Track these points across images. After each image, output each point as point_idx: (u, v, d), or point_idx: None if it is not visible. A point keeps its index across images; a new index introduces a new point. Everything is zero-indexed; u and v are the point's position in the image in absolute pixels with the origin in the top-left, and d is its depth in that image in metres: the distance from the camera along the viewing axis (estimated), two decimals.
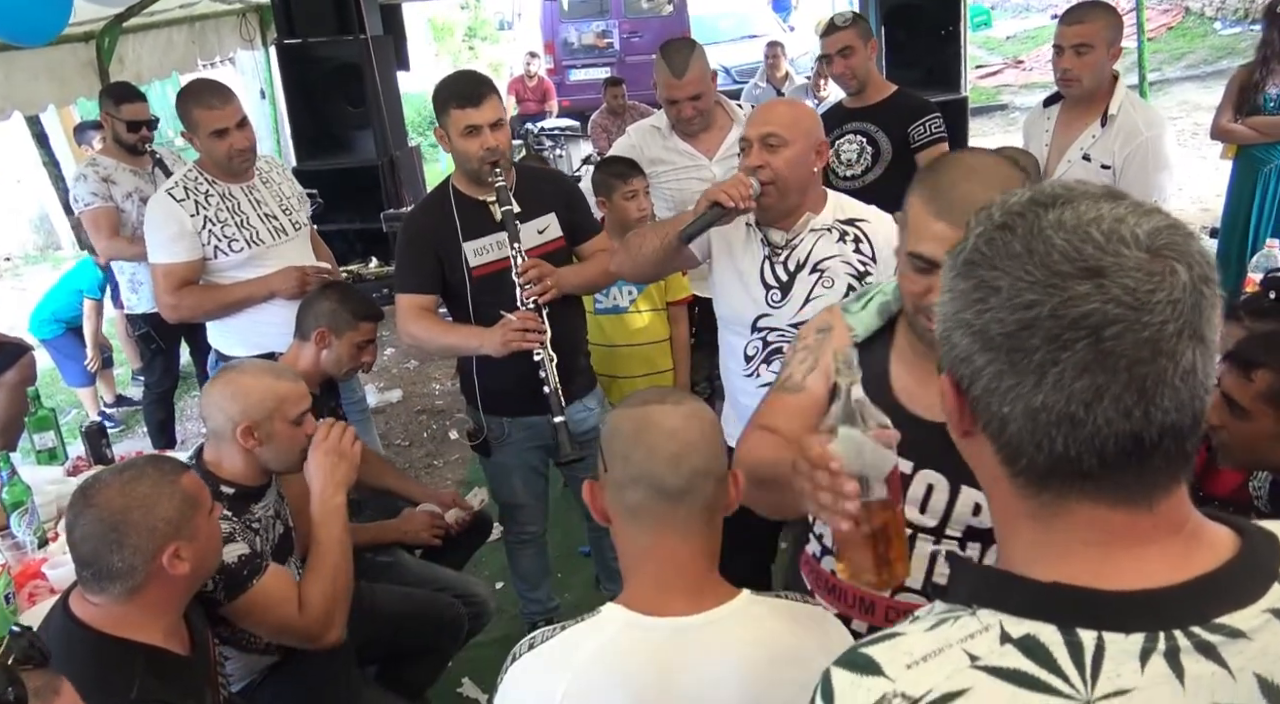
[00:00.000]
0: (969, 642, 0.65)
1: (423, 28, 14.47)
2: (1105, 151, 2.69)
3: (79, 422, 4.74)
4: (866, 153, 3.13)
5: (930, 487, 1.32)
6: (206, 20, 5.52)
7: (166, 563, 1.46)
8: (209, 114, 2.71)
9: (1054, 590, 0.64)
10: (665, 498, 1.15)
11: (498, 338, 2.24)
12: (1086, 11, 2.73)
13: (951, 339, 0.67)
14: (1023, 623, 0.64)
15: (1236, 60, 9.92)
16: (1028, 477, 0.66)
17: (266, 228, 2.87)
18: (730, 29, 11.46)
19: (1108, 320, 0.60)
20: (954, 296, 0.67)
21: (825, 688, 0.69)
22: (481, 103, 2.25)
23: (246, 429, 1.88)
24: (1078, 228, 0.63)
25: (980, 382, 0.65)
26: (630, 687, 1.13)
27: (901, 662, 0.66)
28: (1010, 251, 0.64)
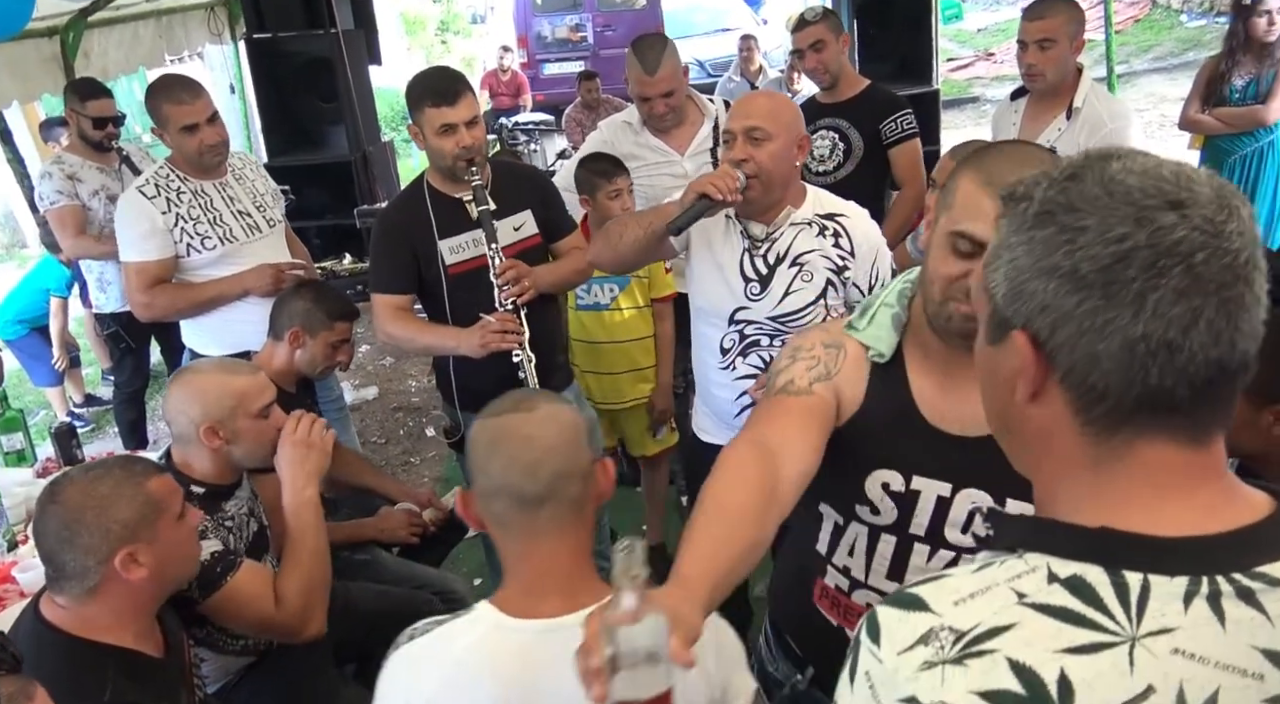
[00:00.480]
0: (1016, 581, 0.67)
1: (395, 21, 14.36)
2: (1071, 144, 2.72)
3: (48, 423, 4.68)
4: (839, 149, 3.14)
5: (975, 506, 1.28)
6: (174, 14, 5.45)
7: (120, 566, 1.43)
8: (179, 109, 2.68)
9: (1103, 535, 0.67)
10: (527, 506, 1.16)
11: (476, 339, 2.24)
12: (1048, 7, 2.75)
13: (1027, 291, 0.68)
14: (1069, 564, 0.67)
15: (1203, 53, 10.07)
16: (1107, 419, 0.68)
17: (240, 225, 2.84)
18: (704, 22, 11.47)
19: (1196, 246, 0.63)
20: (1029, 248, 0.68)
21: (871, 625, 0.71)
22: (457, 101, 2.23)
23: (210, 429, 1.86)
24: (1147, 171, 0.66)
25: (1069, 325, 0.66)
26: (496, 686, 1.16)
27: (949, 599, 0.68)
28: (1089, 195, 0.66)
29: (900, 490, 1.30)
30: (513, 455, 1.16)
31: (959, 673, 0.65)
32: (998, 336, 0.72)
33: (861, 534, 1.36)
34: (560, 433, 1.18)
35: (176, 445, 1.94)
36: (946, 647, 0.66)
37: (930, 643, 0.67)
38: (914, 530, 1.32)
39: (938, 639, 0.67)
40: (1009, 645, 0.65)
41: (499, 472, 1.17)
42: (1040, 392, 0.70)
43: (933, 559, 1.32)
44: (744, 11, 12.06)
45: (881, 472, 1.31)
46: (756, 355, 2.07)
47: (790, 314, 2.03)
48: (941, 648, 0.66)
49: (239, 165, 2.95)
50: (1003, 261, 0.70)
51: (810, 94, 5.62)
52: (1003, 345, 0.72)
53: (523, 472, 1.16)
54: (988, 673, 0.64)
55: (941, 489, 1.28)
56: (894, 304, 1.33)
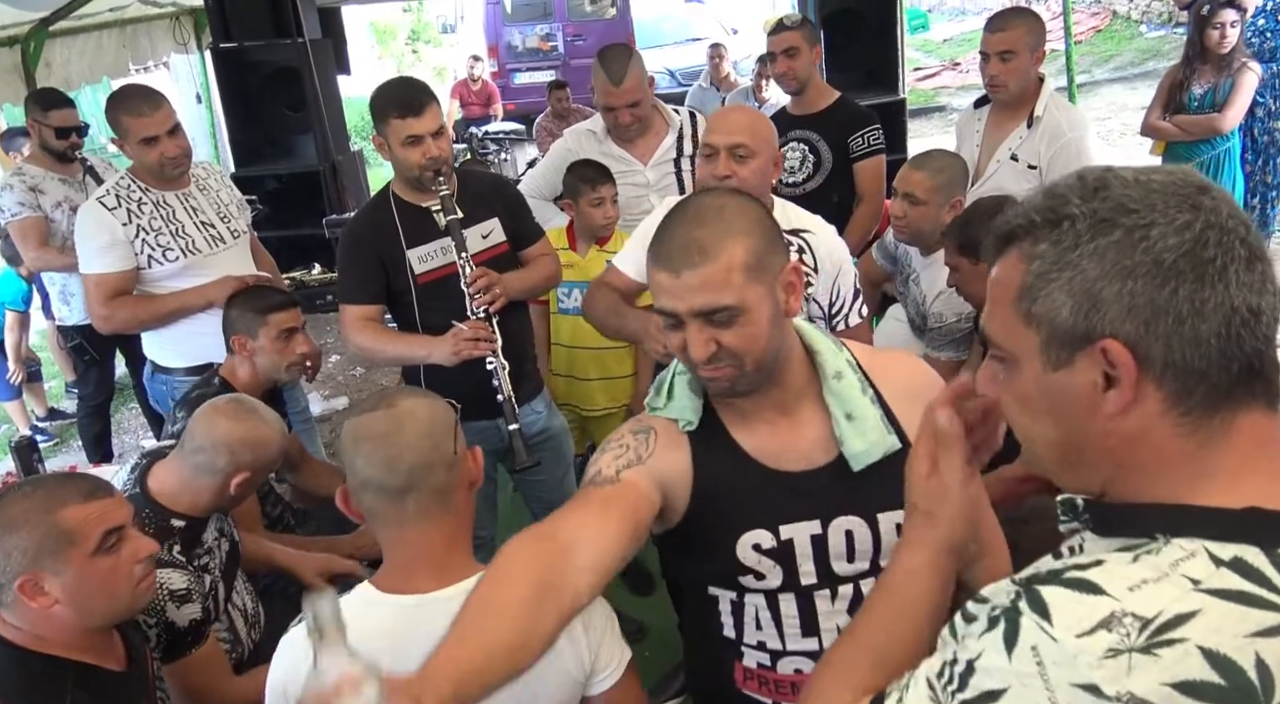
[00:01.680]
0: (1183, 566, 0.67)
1: (364, 31, 14.30)
2: (1031, 152, 2.77)
3: (9, 436, 4.60)
4: (809, 161, 3.18)
5: (849, 532, 1.24)
6: (138, 24, 5.39)
7: (20, 592, 1.36)
8: (138, 122, 2.64)
9: (1251, 515, 0.68)
10: (391, 497, 1.24)
11: (448, 347, 2.24)
12: (1008, 19, 2.81)
13: (1104, 298, 0.69)
14: (1226, 547, 0.67)
15: (1162, 62, 10.27)
16: (1206, 402, 0.70)
17: (203, 236, 2.81)
18: (674, 32, 11.54)
19: (1238, 221, 0.69)
20: (1096, 258, 0.69)
21: (1035, 602, 0.69)
22: (423, 112, 2.23)
23: (244, 481, 1.87)
24: (1147, 171, 0.72)
25: (1165, 317, 0.68)
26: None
27: (1122, 585, 0.67)
28: (1134, 197, 0.70)
29: (773, 546, 1.25)
30: (372, 451, 1.23)
31: (1148, 663, 0.63)
32: (1062, 360, 0.72)
33: (760, 604, 1.30)
34: (417, 427, 1.24)
35: (172, 469, 1.88)
36: (1132, 634, 0.64)
37: (1113, 629, 0.65)
38: (805, 581, 1.26)
39: (1121, 626, 0.65)
40: (1198, 634, 0.63)
41: (362, 466, 1.24)
42: (1133, 401, 0.70)
43: (836, 600, 1.27)
44: (714, 21, 12.14)
45: (747, 534, 1.25)
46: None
47: None
48: (1127, 635, 0.64)
49: (203, 175, 2.91)
50: (1061, 280, 0.71)
51: (777, 103, 5.73)
52: (1069, 368, 0.72)
53: (383, 466, 1.22)
54: (1180, 663, 0.63)
55: (813, 528, 1.24)
56: (685, 371, 1.28)
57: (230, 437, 1.85)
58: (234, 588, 2.01)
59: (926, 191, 2.40)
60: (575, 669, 1.26)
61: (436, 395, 1.34)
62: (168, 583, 1.71)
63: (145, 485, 1.89)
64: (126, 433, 4.99)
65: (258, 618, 2.09)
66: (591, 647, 1.27)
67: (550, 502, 2.70)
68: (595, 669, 1.29)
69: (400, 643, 1.23)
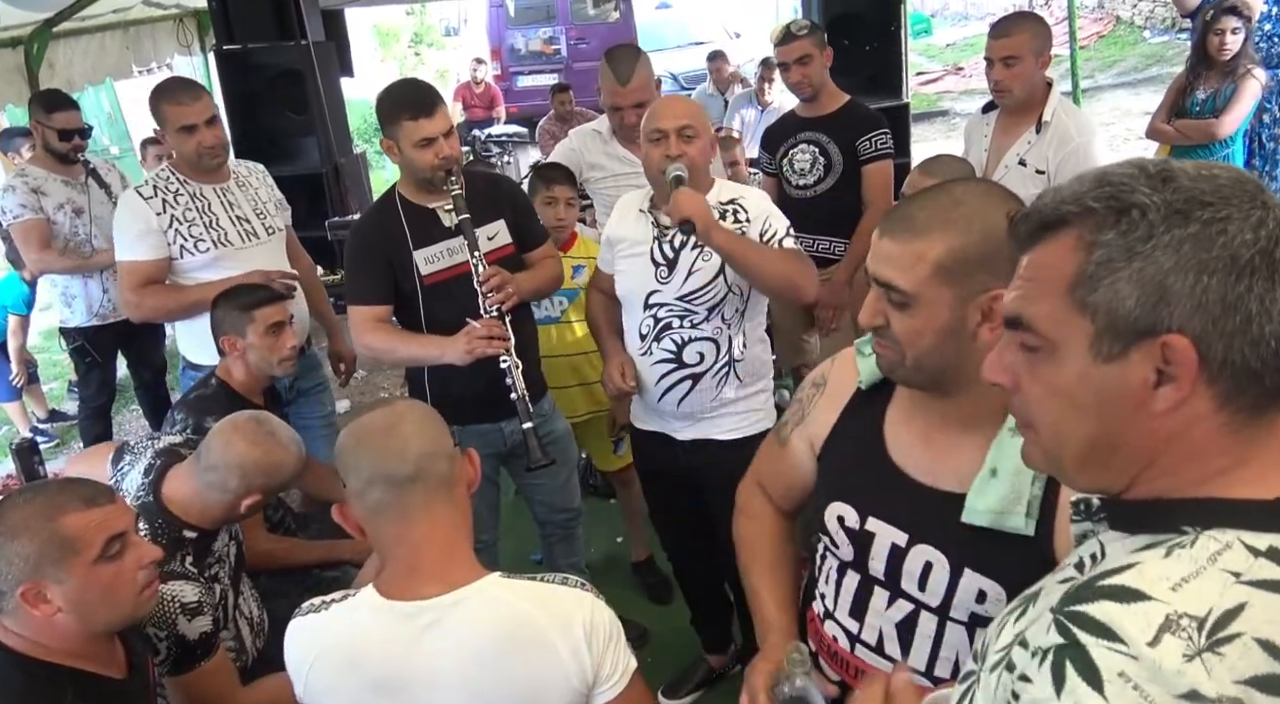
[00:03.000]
0: (1220, 559, 0.66)
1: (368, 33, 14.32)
2: (1040, 157, 2.76)
3: (9, 438, 4.59)
4: (819, 163, 3.16)
5: (929, 563, 1.20)
6: (141, 25, 5.39)
7: (23, 600, 1.35)
8: (177, 110, 2.68)
9: None
10: (400, 486, 1.24)
11: (461, 346, 2.23)
12: (1013, 24, 2.79)
13: (1174, 292, 0.67)
14: (1261, 537, 0.66)
15: (1166, 68, 10.28)
16: (1256, 403, 0.69)
17: (236, 230, 2.83)
18: (677, 36, 11.55)
19: None
20: (1171, 249, 0.67)
21: (1088, 625, 0.65)
22: (434, 113, 2.24)
23: (255, 503, 1.86)
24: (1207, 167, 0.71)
25: (1234, 315, 0.66)
26: (366, 665, 1.24)
27: (1163, 586, 0.65)
28: (1206, 190, 0.68)
29: (854, 527, 1.27)
30: (379, 445, 1.25)
31: (1218, 663, 0.62)
32: (1115, 352, 0.70)
33: (833, 565, 1.36)
34: (416, 421, 1.28)
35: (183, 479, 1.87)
36: (1195, 637, 0.62)
37: (1176, 633, 0.63)
38: (873, 572, 1.27)
39: (1181, 629, 0.63)
40: (1252, 626, 0.63)
41: (369, 463, 1.25)
42: (1189, 397, 0.69)
43: (891, 607, 1.26)
44: (716, 25, 12.15)
45: (837, 504, 1.29)
46: (669, 338, 2.16)
47: (695, 292, 2.14)
48: (1190, 639, 0.62)
49: (244, 173, 2.95)
50: (1129, 270, 0.68)
51: (779, 107, 5.72)
52: (1122, 361, 0.70)
53: (392, 457, 1.24)
54: (1243, 658, 0.62)
55: (897, 537, 1.23)
56: None
57: (245, 459, 1.83)
58: (240, 594, 2.00)
59: None
60: (577, 680, 1.25)
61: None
62: (179, 595, 1.70)
63: (159, 492, 1.88)
64: (128, 434, 4.98)
65: (263, 625, 2.08)
66: (595, 657, 1.26)
67: (553, 505, 2.69)
68: (598, 679, 1.28)
69: (406, 651, 1.23)
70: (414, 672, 1.23)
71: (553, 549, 2.78)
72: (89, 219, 3.74)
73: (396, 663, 1.24)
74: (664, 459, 2.35)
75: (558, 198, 2.84)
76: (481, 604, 1.24)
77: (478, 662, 1.22)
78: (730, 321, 2.15)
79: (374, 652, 1.25)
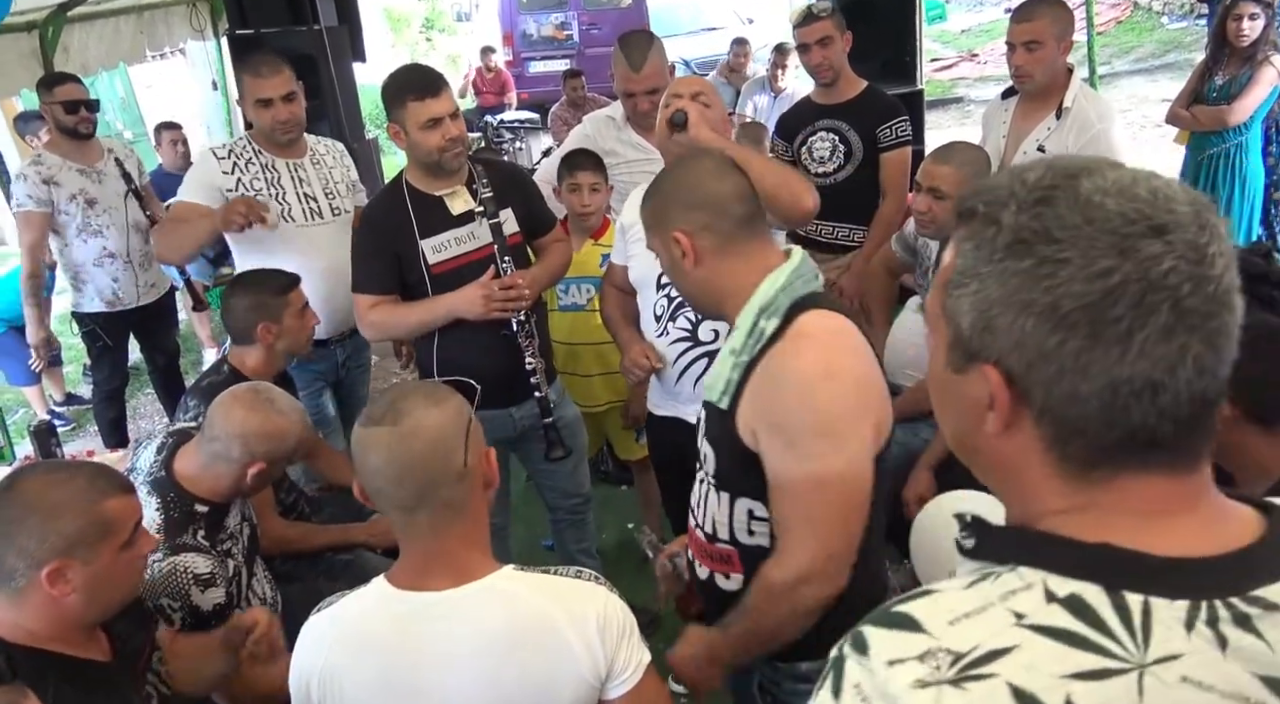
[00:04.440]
0: (1012, 599, 0.64)
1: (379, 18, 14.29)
2: (1059, 144, 2.74)
3: (27, 421, 4.63)
4: (839, 151, 3.15)
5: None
6: (155, 10, 5.40)
7: (46, 579, 1.34)
8: (255, 82, 2.76)
9: (1101, 551, 0.63)
10: (403, 511, 1.23)
11: (479, 305, 2.24)
12: (1035, 9, 2.76)
13: (998, 325, 0.64)
14: (1068, 582, 0.63)
15: (1183, 54, 10.17)
16: (1084, 455, 0.65)
17: (301, 207, 2.86)
18: (689, 21, 11.47)
19: (1183, 278, 0.60)
20: (1001, 280, 0.64)
21: (856, 641, 0.67)
22: (440, 93, 2.24)
23: (261, 471, 1.87)
24: (1123, 191, 0.62)
25: (1048, 365, 0.63)
26: (377, 655, 1.24)
27: (943, 618, 0.64)
28: (1067, 223, 0.62)
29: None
30: (379, 466, 1.22)
31: (956, 696, 0.61)
32: (961, 365, 0.69)
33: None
34: (425, 445, 1.21)
35: (192, 457, 1.89)
36: (944, 667, 0.62)
37: (926, 661, 0.63)
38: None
39: (934, 659, 0.63)
40: (1010, 670, 0.61)
41: (370, 478, 1.23)
42: (1012, 427, 0.67)
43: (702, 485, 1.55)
44: (729, 11, 12.07)
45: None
46: (684, 316, 2.15)
47: None
48: (938, 668, 0.62)
49: (322, 151, 2.99)
50: (969, 290, 0.66)
51: (793, 93, 5.68)
52: (964, 375, 0.69)
53: (391, 483, 1.22)
54: (987, 699, 0.60)
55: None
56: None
57: (245, 428, 1.84)
58: (254, 575, 2.02)
59: (952, 185, 2.37)
60: (590, 674, 1.25)
61: (449, 394, 1.28)
62: (192, 567, 1.71)
63: (171, 468, 1.90)
64: (142, 418, 5.02)
65: (276, 606, 2.09)
66: (607, 652, 1.26)
67: (564, 490, 2.70)
68: (611, 674, 1.27)
69: (416, 642, 1.23)
70: (425, 662, 1.23)
71: (563, 534, 2.79)
72: (102, 210, 3.75)
73: (408, 654, 1.23)
74: (677, 445, 2.35)
75: (580, 184, 2.83)
76: (494, 598, 1.24)
77: (490, 655, 1.22)
78: None
79: (383, 640, 1.24)
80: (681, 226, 1.46)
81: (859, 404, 1.36)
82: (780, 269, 1.43)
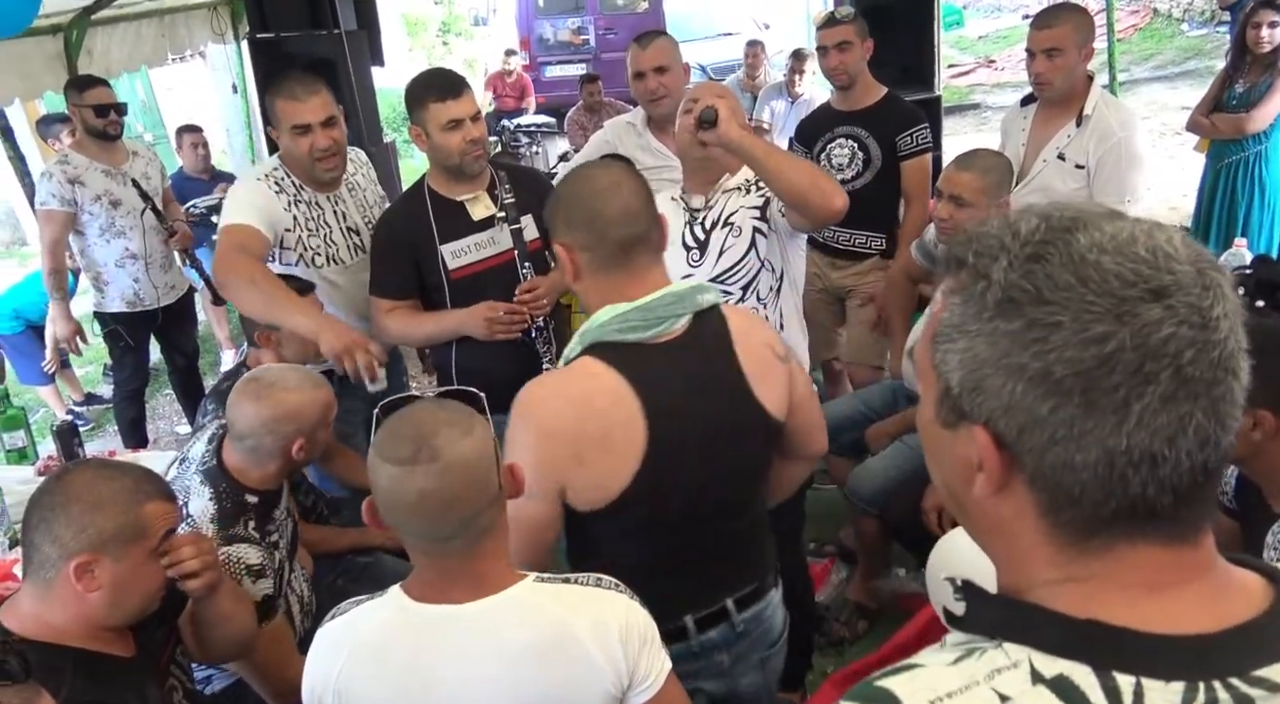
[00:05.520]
0: (997, 679, 0.60)
1: (396, 22, 14.35)
2: (1080, 151, 2.72)
3: (48, 420, 4.67)
4: (858, 158, 3.14)
5: None
6: (177, 14, 5.44)
7: (74, 572, 1.36)
8: (290, 106, 2.39)
9: (1090, 628, 0.60)
10: (438, 541, 1.20)
11: (481, 329, 2.26)
12: (1055, 15, 2.75)
13: (987, 387, 0.61)
14: (1055, 662, 0.59)
15: (1204, 61, 10.10)
16: (1078, 524, 0.62)
17: (347, 244, 2.57)
18: (706, 27, 11.48)
19: (1184, 344, 0.57)
20: (991, 340, 0.60)
21: None
22: (461, 95, 2.26)
23: (303, 445, 1.87)
24: (1119, 248, 0.58)
25: (1039, 431, 0.59)
26: (395, 670, 1.21)
27: (924, 697, 0.61)
28: (1059, 283, 0.58)
29: None
30: (416, 506, 1.17)
31: None
32: (950, 421, 0.65)
33: None
34: (463, 480, 1.17)
35: (237, 452, 1.88)
36: None
37: None
38: None
39: None
40: None
41: (404, 517, 1.19)
42: (1005, 489, 0.63)
43: None
44: (746, 16, 12.07)
45: None
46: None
47: (727, 271, 2.16)
48: None
49: (350, 171, 2.62)
50: (957, 347, 0.63)
51: (811, 99, 5.68)
52: (953, 431, 0.65)
53: (428, 520, 1.18)
54: None
55: None
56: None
57: (263, 418, 1.85)
58: (293, 571, 2.03)
59: (974, 193, 2.37)
60: (612, 684, 1.25)
61: (471, 416, 1.24)
62: (245, 558, 1.74)
63: (221, 459, 1.90)
64: (161, 419, 5.05)
65: (311, 605, 2.11)
66: (630, 662, 1.25)
67: None
68: (633, 683, 1.27)
69: (431, 657, 1.21)
70: (444, 677, 1.21)
71: None
72: (125, 211, 3.79)
73: (427, 669, 1.21)
74: None
75: None
76: (516, 610, 1.22)
77: (512, 667, 1.21)
78: (766, 300, 2.16)
79: (399, 653, 1.22)
80: (563, 240, 1.48)
81: (534, 458, 1.39)
82: (616, 306, 1.44)
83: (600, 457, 1.41)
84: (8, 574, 2.15)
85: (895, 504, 2.61)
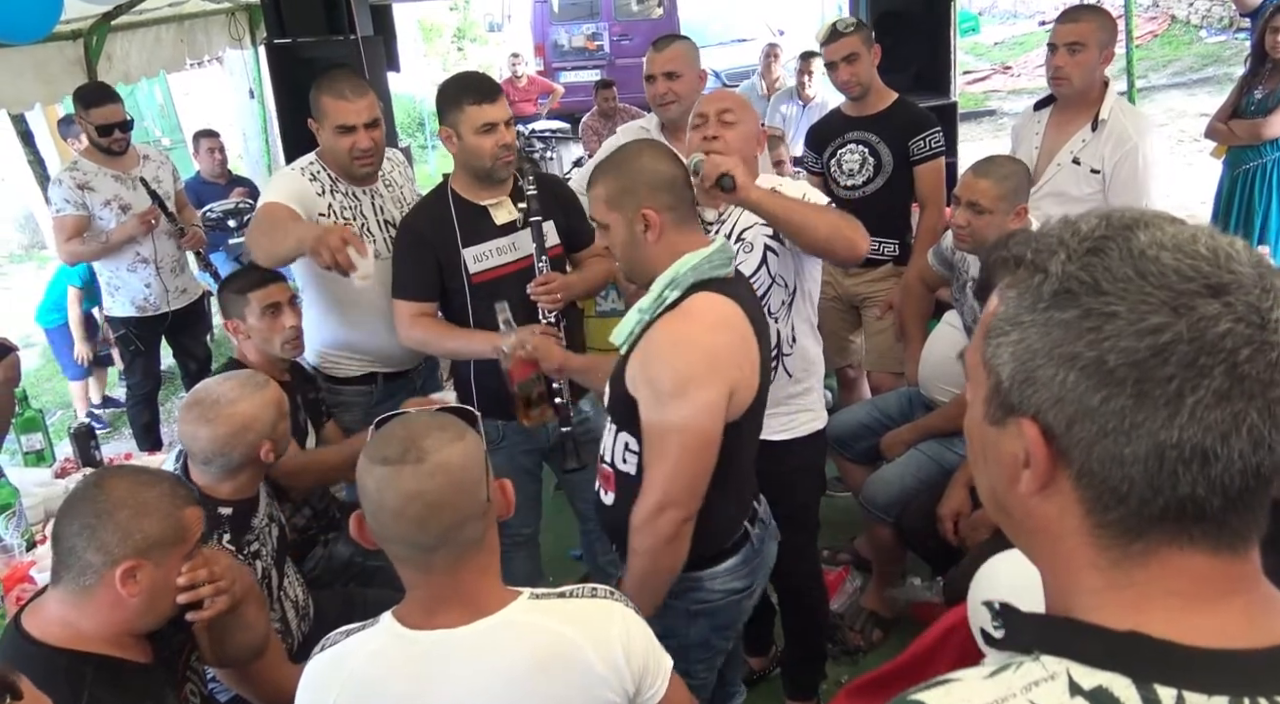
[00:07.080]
0: (1034, 691, 0.59)
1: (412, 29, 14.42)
2: (1095, 156, 2.71)
3: (65, 423, 4.71)
4: (869, 164, 3.13)
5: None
6: (195, 19, 5.49)
7: (120, 577, 1.37)
8: (338, 105, 2.44)
9: (1131, 640, 0.59)
10: (423, 551, 1.18)
11: (490, 354, 2.24)
12: (1081, 12, 2.77)
13: (1039, 378, 0.61)
14: (1094, 673, 0.58)
15: (1222, 68, 10.04)
16: (1124, 525, 0.61)
17: (383, 237, 2.58)
18: (720, 33, 11.49)
19: (1241, 341, 0.56)
20: (1045, 330, 0.60)
21: None
22: (497, 100, 2.28)
23: (270, 448, 1.88)
24: (1180, 246, 0.59)
25: (1089, 422, 0.59)
26: (391, 696, 1.19)
27: None
28: (1118, 274, 0.58)
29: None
30: (401, 509, 1.15)
31: None
32: (999, 418, 0.65)
33: None
34: (449, 484, 1.16)
35: (199, 471, 1.89)
36: None
37: None
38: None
39: None
40: None
41: (389, 522, 1.18)
42: (1049, 486, 0.63)
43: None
44: (761, 22, 12.07)
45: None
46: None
47: None
48: None
49: (387, 168, 2.66)
50: (1010, 338, 0.63)
51: (822, 103, 5.66)
52: (1001, 427, 0.65)
53: (413, 525, 1.16)
54: None
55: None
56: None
57: (221, 438, 1.84)
58: (285, 576, 2.03)
59: (992, 200, 2.35)
60: (619, 697, 1.24)
61: (463, 425, 1.24)
62: None
63: (189, 476, 1.90)
64: (175, 422, 5.07)
65: (308, 609, 2.10)
66: (634, 671, 1.25)
67: (593, 500, 2.69)
68: (641, 690, 1.27)
69: (428, 684, 1.19)
70: (439, 698, 1.19)
71: (593, 545, 2.78)
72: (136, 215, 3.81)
73: (424, 698, 1.20)
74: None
75: None
76: (512, 632, 1.21)
77: (512, 691, 1.19)
78: (777, 315, 2.15)
79: (395, 682, 1.20)
80: (651, 204, 1.64)
81: (706, 371, 1.57)
82: (696, 252, 1.64)
83: (745, 364, 1.63)
84: (24, 577, 2.16)
85: (910, 512, 2.59)
